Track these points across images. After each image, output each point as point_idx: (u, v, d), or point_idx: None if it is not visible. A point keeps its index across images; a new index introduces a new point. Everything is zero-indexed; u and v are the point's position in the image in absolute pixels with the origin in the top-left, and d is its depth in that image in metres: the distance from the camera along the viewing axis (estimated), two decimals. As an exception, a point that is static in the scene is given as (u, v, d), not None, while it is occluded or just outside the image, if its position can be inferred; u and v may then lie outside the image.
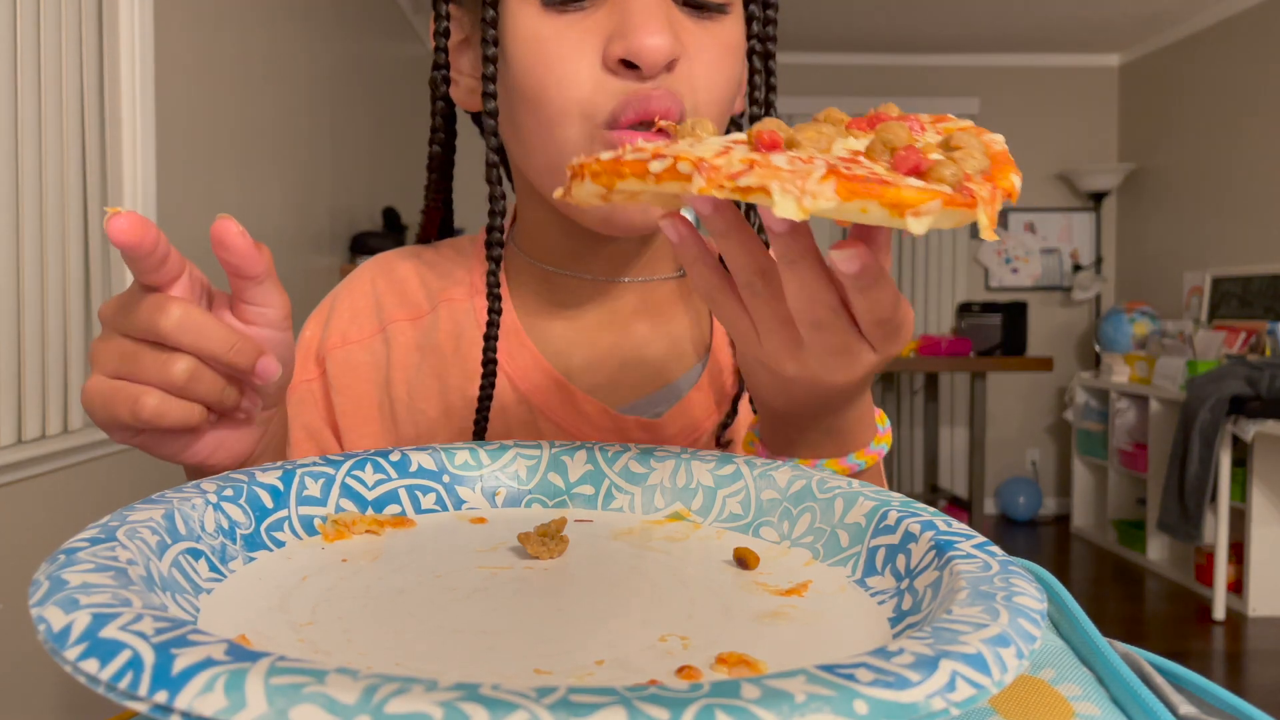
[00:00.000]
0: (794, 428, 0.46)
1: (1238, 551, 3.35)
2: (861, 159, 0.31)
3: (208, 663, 0.20)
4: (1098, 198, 4.70)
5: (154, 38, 1.75)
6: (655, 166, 0.31)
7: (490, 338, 0.56)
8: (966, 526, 0.33)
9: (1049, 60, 4.75)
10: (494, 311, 0.56)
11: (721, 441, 0.60)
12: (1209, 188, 4.11)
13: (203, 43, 2.00)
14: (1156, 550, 3.83)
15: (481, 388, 0.56)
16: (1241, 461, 3.28)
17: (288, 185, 2.50)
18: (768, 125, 0.32)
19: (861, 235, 0.38)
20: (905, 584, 0.32)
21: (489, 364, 0.56)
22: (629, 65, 0.49)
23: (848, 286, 0.35)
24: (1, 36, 1.39)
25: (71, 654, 0.21)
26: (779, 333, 0.38)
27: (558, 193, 0.37)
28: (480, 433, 0.56)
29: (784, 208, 0.28)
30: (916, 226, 0.29)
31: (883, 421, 0.54)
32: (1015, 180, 0.31)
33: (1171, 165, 4.38)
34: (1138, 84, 4.65)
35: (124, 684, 0.20)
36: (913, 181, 0.29)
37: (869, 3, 4.00)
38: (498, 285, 0.56)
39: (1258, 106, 3.83)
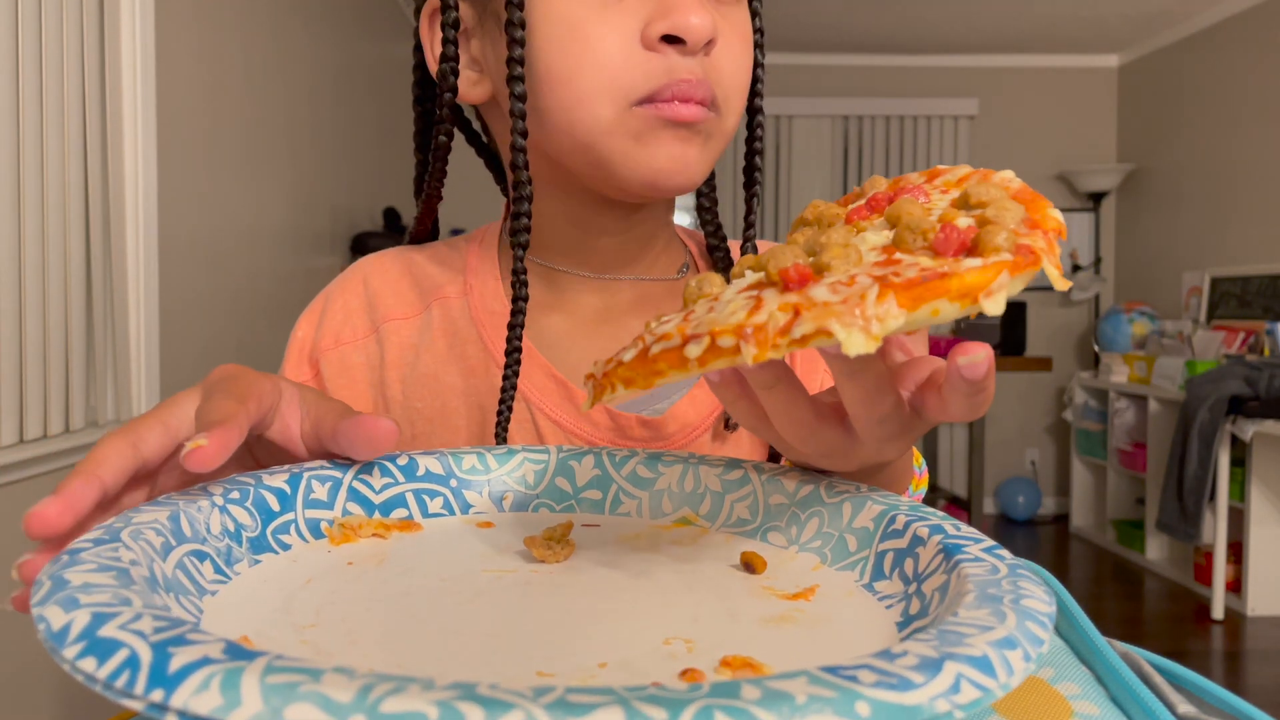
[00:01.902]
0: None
1: (1236, 551, 3.35)
2: (899, 256, 0.29)
3: (204, 661, 0.19)
4: (1097, 198, 4.70)
5: (155, 38, 1.75)
6: (693, 351, 0.28)
7: (515, 325, 0.55)
8: (975, 530, 0.33)
9: (1048, 61, 4.75)
10: (520, 299, 0.55)
11: (729, 425, 0.60)
12: (1208, 188, 4.11)
13: (204, 43, 2.00)
14: (1155, 550, 3.83)
15: (505, 376, 0.56)
16: (1240, 461, 3.28)
17: (288, 185, 2.50)
18: (784, 258, 0.29)
19: None
20: (913, 588, 0.32)
21: (513, 352, 0.55)
22: (670, 41, 0.50)
23: (961, 393, 0.33)
24: (2, 37, 1.39)
25: (70, 653, 0.21)
26: (834, 456, 0.38)
27: (584, 407, 0.36)
28: (504, 425, 0.56)
29: (853, 344, 0.26)
30: (993, 307, 0.27)
31: (919, 463, 0.54)
32: (1057, 215, 0.30)
33: (1170, 165, 4.38)
34: (1137, 84, 4.65)
35: (120, 682, 0.20)
36: (971, 262, 0.27)
37: (868, 3, 4.00)
38: (524, 272, 0.56)
39: (1257, 106, 3.83)
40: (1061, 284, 0.28)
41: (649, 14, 0.50)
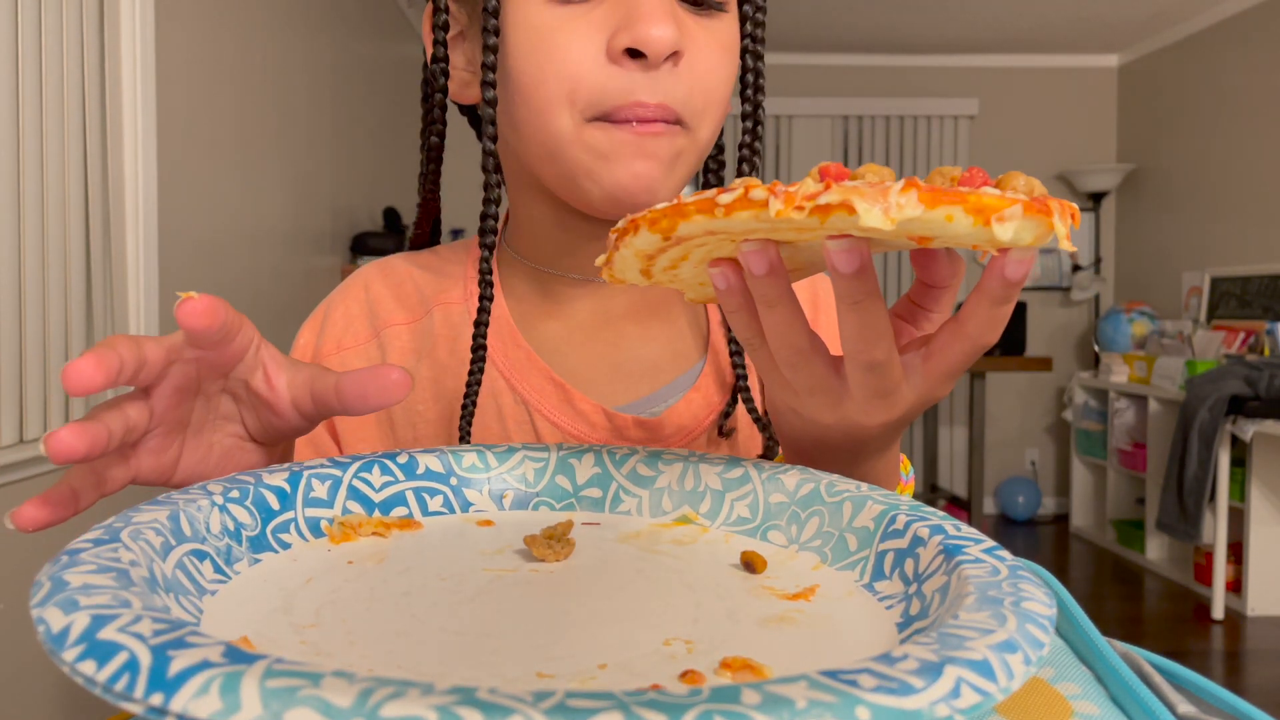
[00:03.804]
0: (820, 468, 0.46)
1: (1236, 551, 3.35)
2: (921, 181, 0.31)
3: (204, 665, 0.19)
4: (1097, 198, 4.70)
5: (155, 38, 1.75)
6: (725, 199, 0.30)
7: (481, 324, 0.56)
8: (976, 530, 0.33)
9: (1048, 61, 4.74)
10: (485, 298, 0.56)
11: (724, 430, 0.61)
12: (1208, 188, 4.11)
13: (203, 43, 2.00)
14: (1155, 550, 3.83)
15: (470, 373, 0.56)
16: (1240, 461, 3.28)
17: (288, 185, 2.50)
18: (825, 164, 0.32)
19: (925, 295, 0.39)
20: (914, 589, 0.32)
21: (478, 349, 0.56)
22: (633, 55, 0.50)
23: (992, 298, 0.35)
24: (2, 37, 1.39)
25: (69, 655, 0.21)
26: (820, 393, 0.39)
27: (599, 260, 0.37)
28: (468, 420, 0.56)
29: (870, 217, 0.28)
30: (1003, 233, 0.29)
31: (906, 469, 0.54)
32: (1072, 203, 0.32)
33: (1171, 165, 4.38)
34: (1137, 84, 4.65)
35: (120, 685, 0.20)
36: (991, 190, 0.29)
37: (868, 3, 4.00)
38: (489, 272, 0.57)
39: (1257, 106, 3.83)
40: (1067, 243, 0.30)
41: (615, 25, 0.50)
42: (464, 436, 0.57)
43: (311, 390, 0.41)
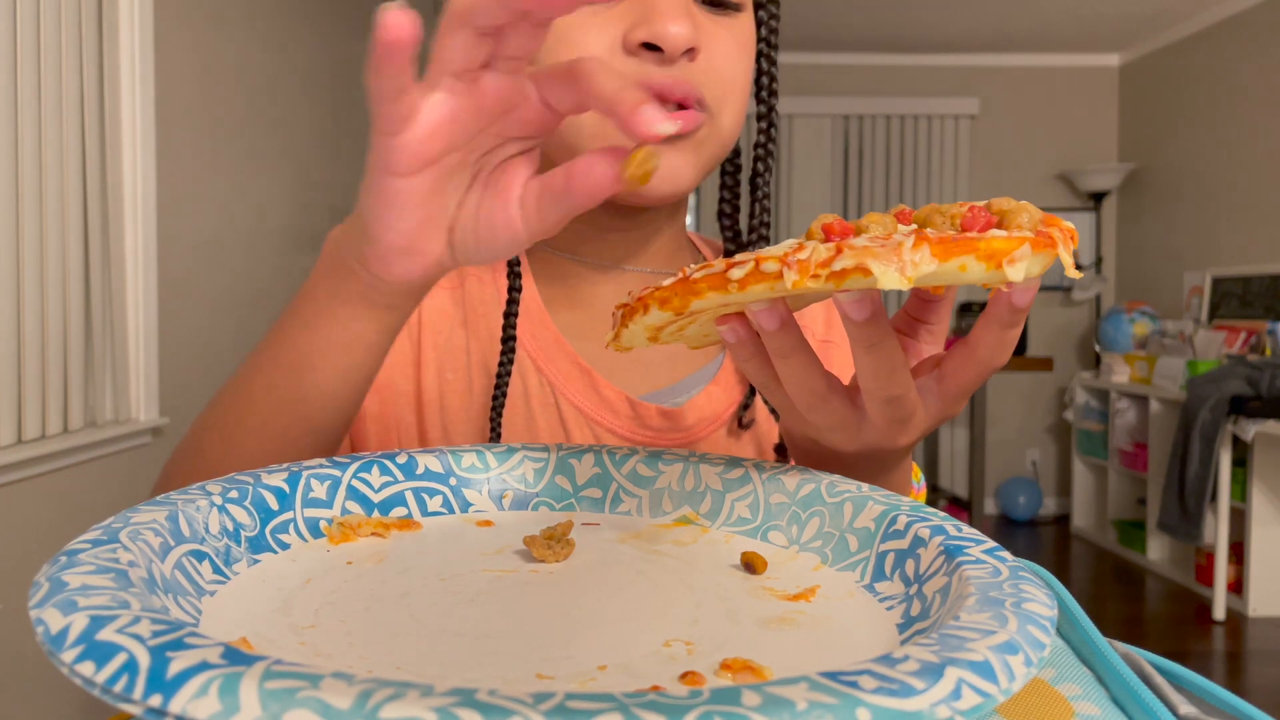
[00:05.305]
0: None
1: (1238, 551, 3.35)
2: (929, 232, 0.31)
3: (202, 666, 0.19)
4: (1098, 198, 4.70)
5: (154, 38, 1.75)
6: (736, 274, 0.30)
7: (510, 314, 0.58)
8: (976, 531, 0.33)
9: (1049, 60, 4.74)
10: (514, 289, 0.58)
11: (744, 422, 0.62)
12: (1209, 188, 4.11)
13: (203, 43, 2.00)
14: (1156, 550, 3.83)
15: (501, 364, 0.58)
16: (1242, 461, 3.28)
17: (288, 184, 2.50)
18: (826, 218, 0.32)
19: (923, 308, 0.40)
20: (914, 589, 0.32)
21: (508, 340, 0.57)
22: (649, 48, 0.51)
23: (999, 323, 0.35)
24: (2, 37, 1.39)
25: (68, 656, 0.21)
26: (841, 429, 0.39)
27: (607, 339, 0.38)
28: (498, 410, 0.58)
29: (888, 280, 0.28)
30: (1015, 273, 0.29)
31: (917, 478, 0.55)
32: (1069, 224, 0.33)
33: (1171, 165, 4.38)
34: (1138, 84, 4.65)
35: (119, 687, 0.19)
36: (997, 232, 0.30)
37: (868, 3, 4.00)
38: (518, 263, 0.58)
39: (1258, 106, 3.83)
40: (1074, 272, 0.31)
41: (632, 20, 0.51)
42: (495, 428, 0.58)
43: (541, 181, 0.37)
